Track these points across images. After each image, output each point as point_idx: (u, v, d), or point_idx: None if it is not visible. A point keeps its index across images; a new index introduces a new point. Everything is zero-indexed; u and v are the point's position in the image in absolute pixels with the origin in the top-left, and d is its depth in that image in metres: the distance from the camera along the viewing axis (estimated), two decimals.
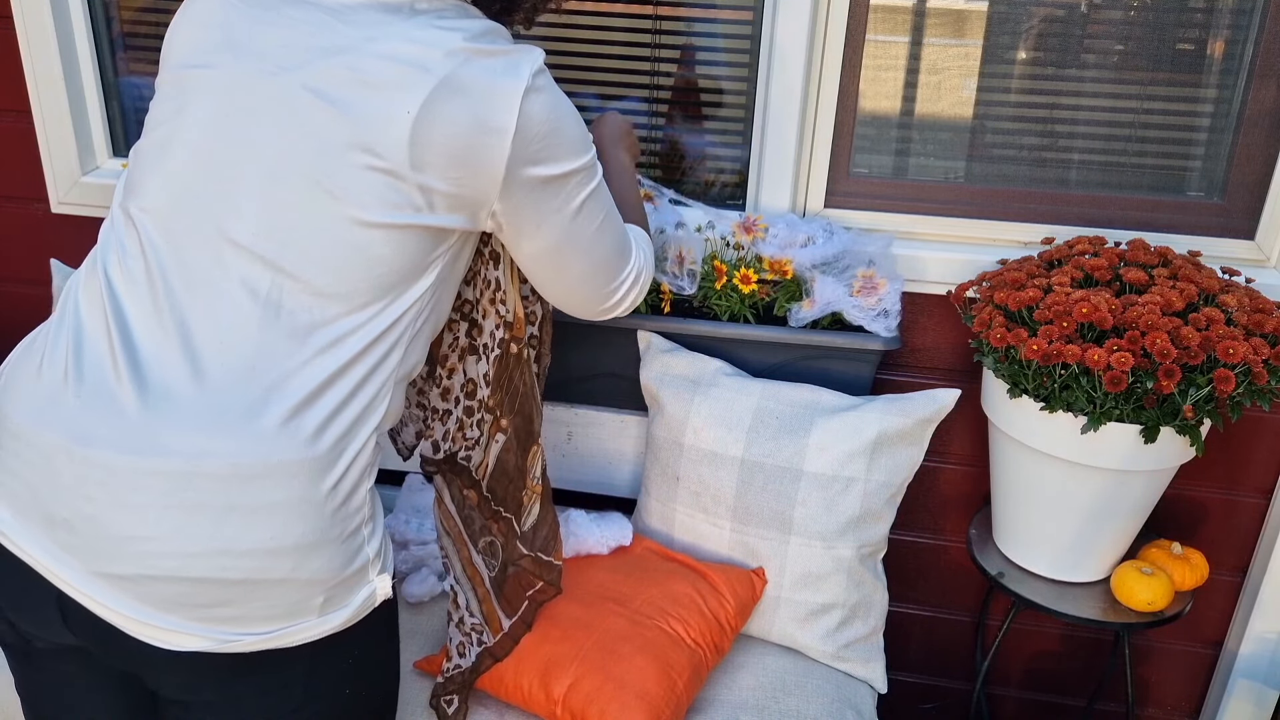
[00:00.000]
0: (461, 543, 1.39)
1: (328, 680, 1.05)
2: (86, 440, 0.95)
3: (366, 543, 1.04)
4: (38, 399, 0.99)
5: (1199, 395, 1.38)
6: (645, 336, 1.69)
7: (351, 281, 1.00)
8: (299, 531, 0.97)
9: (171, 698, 1.04)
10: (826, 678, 1.54)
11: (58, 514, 0.97)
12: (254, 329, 0.97)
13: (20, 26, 1.81)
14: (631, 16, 1.74)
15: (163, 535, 0.94)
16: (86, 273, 1.04)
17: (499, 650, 1.38)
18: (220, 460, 0.95)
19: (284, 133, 0.98)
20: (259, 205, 0.98)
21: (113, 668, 1.07)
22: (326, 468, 0.99)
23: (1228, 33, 1.61)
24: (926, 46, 1.68)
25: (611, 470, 1.81)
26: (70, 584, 0.97)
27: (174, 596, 0.95)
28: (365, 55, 0.99)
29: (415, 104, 0.97)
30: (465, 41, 1.01)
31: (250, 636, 0.98)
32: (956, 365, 1.79)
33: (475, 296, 1.29)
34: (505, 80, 1.01)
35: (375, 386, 1.04)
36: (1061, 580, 1.62)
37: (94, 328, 1.00)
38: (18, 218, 1.99)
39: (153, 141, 1.04)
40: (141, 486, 0.94)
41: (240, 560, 0.96)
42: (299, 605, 0.99)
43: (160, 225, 1.00)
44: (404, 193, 0.99)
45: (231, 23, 1.03)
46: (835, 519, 1.53)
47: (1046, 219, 1.72)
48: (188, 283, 0.98)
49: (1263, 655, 1.82)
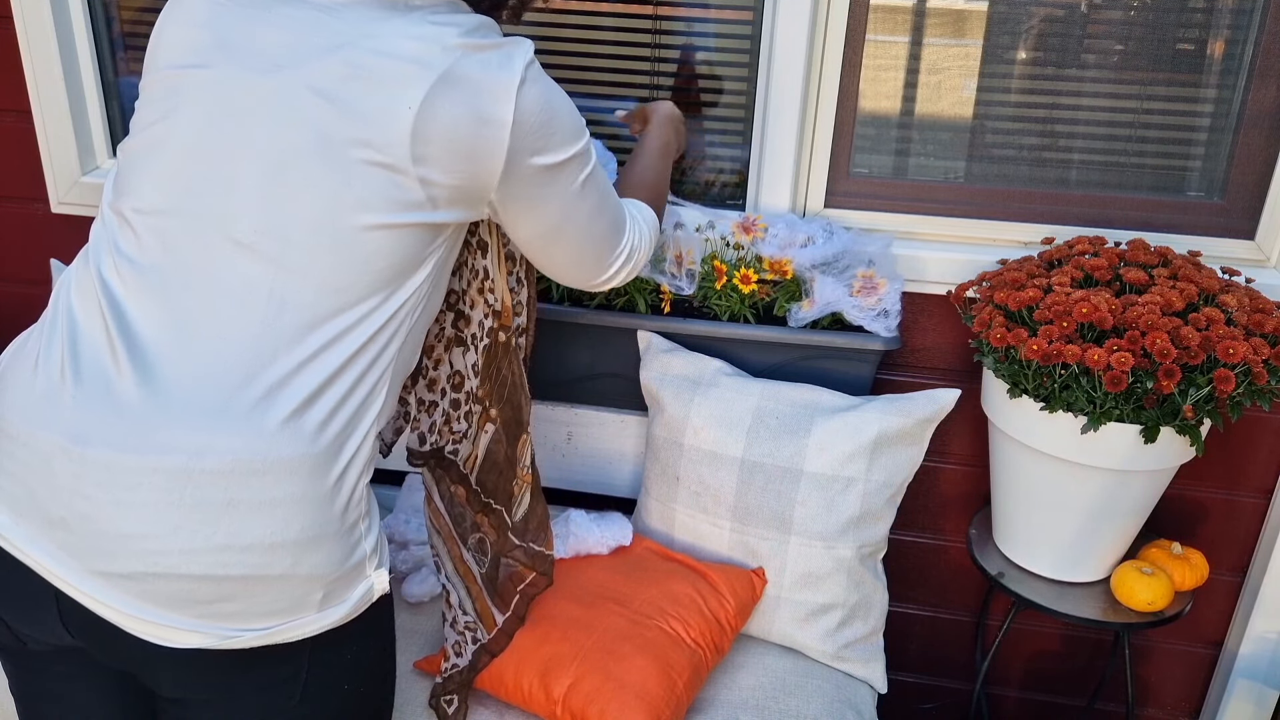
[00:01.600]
0: (452, 541, 1.39)
1: (326, 676, 1.05)
2: (84, 439, 0.95)
3: (364, 537, 1.05)
4: (33, 400, 0.99)
5: (1199, 395, 1.38)
6: (645, 336, 1.69)
7: (351, 276, 1.00)
8: (300, 526, 0.98)
9: (170, 696, 1.04)
10: (826, 678, 1.54)
11: (56, 514, 0.96)
12: (255, 325, 0.97)
13: (20, 26, 1.81)
14: (631, 16, 1.74)
15: (163, 532, 0.94)
16: (78, 274, 1.04)
17: (494, 646, 1.39)
18: (221, 456, 0.95)
19: (283, 130, 0.98)
20: (259, 203, 0.98)
21: (109, 668, 1.07)
22: (328, 463, 1.00)
23: (1228, 33, 1.61)
24: (926, 46, 1.68)
25: (611, 470, 1.81)
26: (69, 583, 0.97)
27: (175, 593, 0.95)
28: (364, 52, 0.99)
29: (416, 99, 0.98)
30: (460, 37, 1.02)
31: (250, 633, 0.98)
32: (956, 365, 1.79)
33: (462, 287, 1.30)
34: (500, 73, 1.02)
35: (374, 380, 1.04)
36: (1061, 580, 1.62)
37: (90, 327, 1.00)
38: (18, 218, 1.99)
39: (144, 142, 1.04)
40: (140, 484, 0.94)
41: (241, 556, 0.96)
42: (299, 601, 0.99)
43: (157, 225, 1.00)
44: (405, 187, 1.00)
45: (222, 22, 1.03)
46: (835, 519, 1.53)
47: (1046, 219, 1.72)
48: (187, 282, 0.98)
49: (1263, 655, 1.82)
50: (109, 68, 1.90)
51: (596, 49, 1.77)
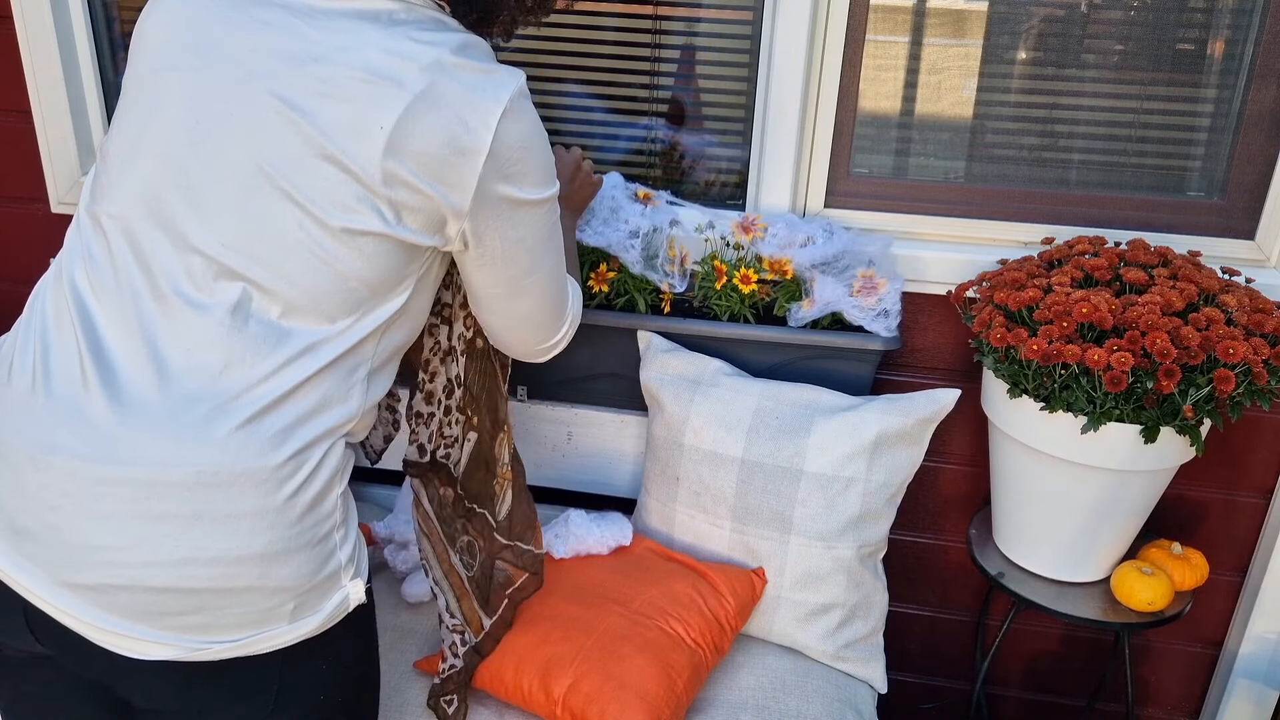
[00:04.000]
0: (440, 544, 1.38)
1: (300, 687, 1.04)
2: (51, 449, 0.94)
3: (339, 548, 1.03)
4: (4, 407, 0.98)
5: (1199, 395, 1.38)
6: (645, 336, 1.69)
7: (320, 294, 0.99)
8: (265, 540, 0.96)
9: (143, 706, 1.04)
10: (826, 678, 1.54)
11: (22, 523, 0.96)
12: (221, 338, 0.96)
13: (20, 26, 1.81)
14: (631, 17, 1.74)
15: (126, 544, 0.93)
16: (53, 279, 1.03)
17: (484, 649, 1.40)
18: (184, 469, 0.94)
19: (253, 142, 0.97)
20: (227, 216, 0.97)
21: (84, 677, 1.06)
22: (287, 476, 0.97)
23: (1228, 33, 1.61)
24: (926, 46, 1.68)
25: (611, 470, 1.81)
26: (35, 594, 0.96)
27: (140, 605, 0.94)
28: (337, 65, 0.97)
29: (390, 120, 0.96)
30: (443, 55, 0.99)
31: (219, 645, 0.97)
32: (956, 365, 1.79)
33: (451, 299, 1.30)
34: (482, 98, 1.00)
35: (341, 396, 1.02)
36: (1061, 580, 1.62)
37: (61, 336, 0.98)
38: (18, 218, 1.99)
39: (120, 144, 1.02)
40: (106, 495, 0.93)
41: (205, 569, 0.95)
42: (269, 613, 0.98)
43: (127, 232, 0.99)
44: (375, 205, 0.98)
45: (200, 25, 1.01)
46: (835, 519, 1.53)
47: (1046, 219, 1.72)
48: (155, 291, 0.97)
49: (1263, 655, 1.82)
50: (109, 68, 1.90)
51: (596, 49, 1.77)
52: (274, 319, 0.98)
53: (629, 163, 1.83)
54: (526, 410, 1.79)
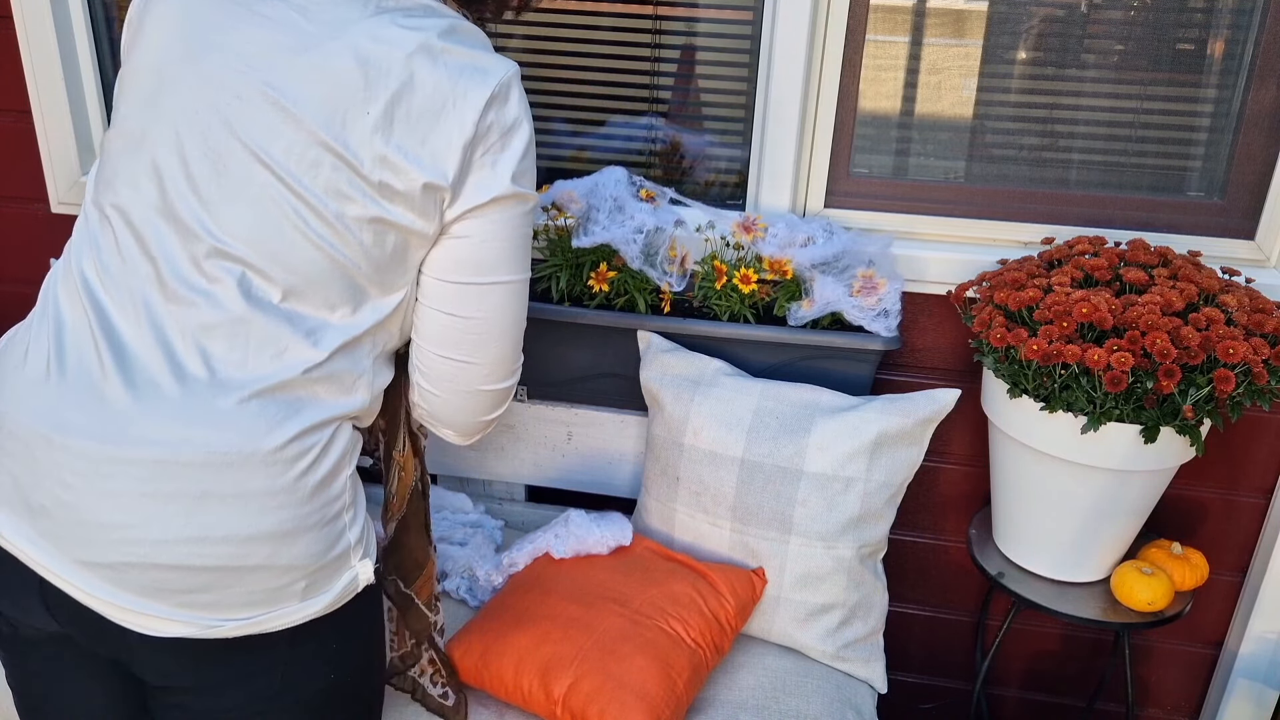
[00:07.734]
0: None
1: (309, 665, 1.06)
2: (65, 429, 0.96)
3: (348, 528, 1.05)
4: (20, 390, 1.00)
5: (1199, 395, 1.38)
6: (645, 336, 1.69)
7: (320, 281, 1.01)
8: (275, 519, 0.98)
9: (156, 683, 1.05)
10: (826, 678, 1.54)
11: (38, 501, 0.98)
12: (226, 323, 0.98)
13: (20, 26, 1.81)
14: (631, 16, 1.74)
15: (138, 523, 0.95)
16: (63, 269, 1.05)
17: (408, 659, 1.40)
18: (196, 448, 0.96)
19: (252, 132, 0.99)
20: (228, 205, 0.99)
21: (99, 655, 1.08)
22: (296, 456, 0.99)
23: (1228, 33, 1.61)
24: (926, 46, 1.68)
25: (611, 470, 1.81)
26: (51, 571, 0.98)
27: (152, 583, 0.96)
28: (328, 54, 0.99)
29: (378, 106, 0.98)
30: (430, 40, 1.01)
31: (231, 622, 0.99)
32: (956, 365, 1.79)
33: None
34: (470, 83, 1.01)
35: (348, 382, 1.04)
36: (1061, 580, 1.62)
37: (75, 321, 1.01)
38: (18, 218, 1.99)
39: (124, 137, 1.04)
40: (117, 474, 0.95)
41: (215, 548, 0.96)
42: (279, 591, 1.00)
43: (133, 223, 1.01)
44: (366, 191, 1.00)
45: (200, 16, 1.03)
46: (835, 519, 1.52)
47: (1046, 219, 1.72)
48: (160, 279, 0.99)
49: (1263, 655, 1.82)
50: (109, 68, 1.90)
51: (596, 49, 1.77)
52: (280, 305, 1.00)
53: (629, 163, 1.83)
54: (526, 410, 1.79)
